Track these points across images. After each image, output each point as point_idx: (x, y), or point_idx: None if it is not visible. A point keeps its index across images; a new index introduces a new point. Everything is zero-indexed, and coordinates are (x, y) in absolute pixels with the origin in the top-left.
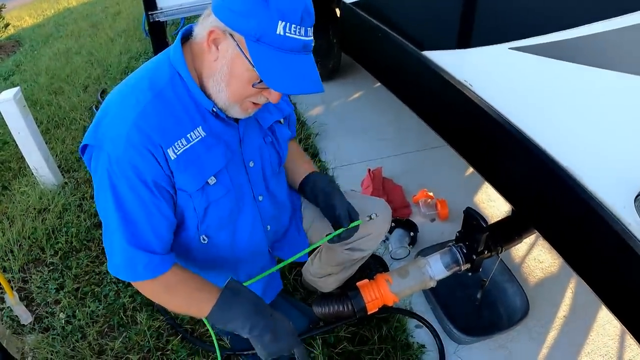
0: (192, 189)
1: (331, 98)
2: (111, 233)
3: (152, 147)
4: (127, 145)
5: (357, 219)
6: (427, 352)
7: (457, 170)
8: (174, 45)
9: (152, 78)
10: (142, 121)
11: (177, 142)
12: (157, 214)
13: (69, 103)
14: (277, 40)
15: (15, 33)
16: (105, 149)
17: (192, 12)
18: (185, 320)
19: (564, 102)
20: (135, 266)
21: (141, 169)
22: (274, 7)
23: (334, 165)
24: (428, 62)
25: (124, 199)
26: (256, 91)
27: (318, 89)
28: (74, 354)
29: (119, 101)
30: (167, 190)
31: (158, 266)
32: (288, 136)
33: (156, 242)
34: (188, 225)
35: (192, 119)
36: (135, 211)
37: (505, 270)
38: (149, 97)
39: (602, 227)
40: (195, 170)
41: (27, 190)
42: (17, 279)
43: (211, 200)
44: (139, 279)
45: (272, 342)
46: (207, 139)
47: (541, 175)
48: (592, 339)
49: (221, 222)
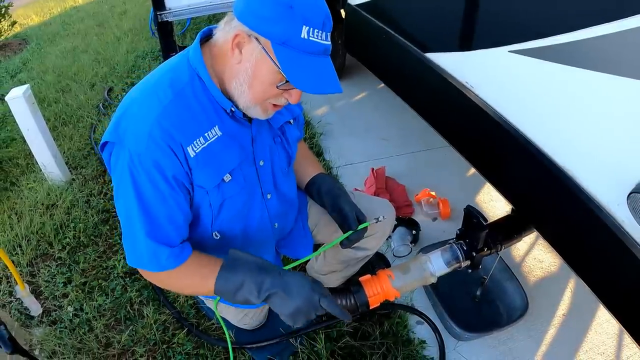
0: (210, 186)
1: (336, 98)
2: (132, 227)
3: (173, 144)
4: (150, 142)
5: (365, 220)
6: (428, 347)
7: (458, 170)
8: (193, 47)
9: (172, 78)
10: (164, 119)
11: (196, 140)
12: (176, 208)
13: (76, 101)
14: (302, 43)
15: (22, 31)
16: (127, 145)
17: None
18: (191, 314)
19: (561, 104)
20: (160, 258)
21: (162, 164)
22: (298, 13)
23: (338, 164)
24: (431, 63)
25: (145, 193)
26: (278, 92)
27: (338, 90)
28: (81, 346)
29: (140, 99)
30: (185, 186)
31: (179, 256)
32: (297, 136)
33: (175, 235)
34: (203, 221)
35: (210, 119)
36: (156, 206)
37: (505, 268)
38: (170, 96)
39: (597, 225)
40: (212, 168)
41: (35, 186)
42: (26, 273)
43: (226, 196)
44: (163, 269)
45: (288, 300)
46: (223, 137)
47: (538, 174)
48: (591, 337)
49: (232, 218)
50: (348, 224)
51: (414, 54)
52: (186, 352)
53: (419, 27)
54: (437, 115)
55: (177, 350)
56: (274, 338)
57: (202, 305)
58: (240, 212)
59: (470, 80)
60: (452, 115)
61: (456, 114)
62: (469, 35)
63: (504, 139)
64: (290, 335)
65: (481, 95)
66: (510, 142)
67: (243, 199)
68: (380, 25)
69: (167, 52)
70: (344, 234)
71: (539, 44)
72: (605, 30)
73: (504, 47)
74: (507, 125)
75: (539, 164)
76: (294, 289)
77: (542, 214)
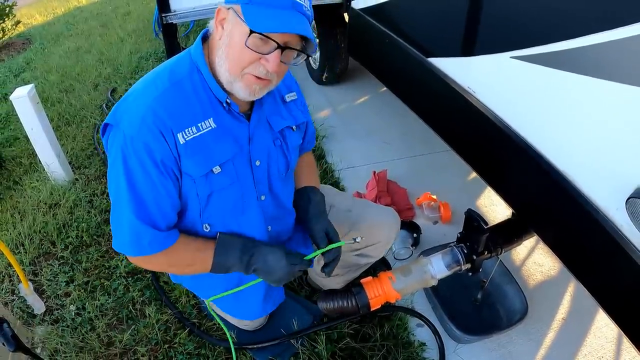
0: (196, 175)
1: (338, 101)
2: (120, 208)
3: (163, 129)
4: (142, 125)
5: (337, 240)
6: (428, 350)
7: (460, 174)
8: (195, 43)
9: (172, 70)
10: (158, 105)
11: (187, 128)
12: (164, 193)
13: (79, 101)
14: None
15: (25, 30)
16: (122, 128)
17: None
18: (193, 314)
19: (561, 110)
20: (141, 241)
21: (152, 147)
22: None
23: (339, 167)
24: (433, 68)
25: (135, 175)
26: (252, 57)
27: (301, 31)
28: (83, 345)
29: (140, 88)
30: (173, 171)
31: (162, 242)
32: (299, 143)
33: (161, 219)
34: (191, 210)
35: (205, 111)
36: (144, 188)
37: (505, 272)
38: (167, 85)
39: (596, 230)
40: (201, 158)
41: (38, 185)
42: (28, 271)
43: (214, 189)
44: (143, 253)
45: (270, 272)
46: (216, 130)
47: (539, 179)
48: (590, 341)
49: (224, 214)
50: (316, 242)
51: (417, 59)
52: (188, 352)
53: (422, 32)
54: (438, 119)
55: (178, 350)
56: (275, 339)
57: (204, 305)
58: (233, 210)
59: (472, 85)
60: (454, 119)
61: (458, 118)
62: (471, 41)
63: (505, 144)
64: (291, 336)
65: (482, 100)
66: (511, 146)
67: (234, 195)
68: (384, 30)
69: (171, 53)
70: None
71: (539, 51)
72: (606, 37)
73: (505, 53)
74: (508, 130)
75: (539, 169)
76: (273, 263)
77: (542, 218)
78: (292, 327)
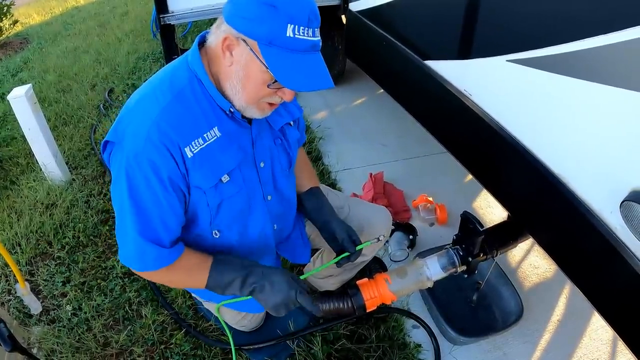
0: (206, 186)
1: (335, 103)
2: (124, 225)
3: (170, 145)
4: (147, 142)
5: (358, 241)
6: (423, 351)
7: (456, 177)
8: (192, 50)
9: (172, 80)
10: (162, 120)
11: (194, 141)
12: (169, 210)
13: (76, 101)
14: (288, 42)
15: (23, 30)
16: (125, 145)
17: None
18: (189, 315)
19: (557, 113)
20: (146, 258)
21: (158, 165)
22: (282, 12)
23: (336, 169)
24: (430, 71)
25: (139, 193)
26: (271, 92)
27: (329, 85)
28: (80, 345)
29: (140, 101)
30: (180, 188)
31: (166, 258)
32: (297, 137)
33: (166, 236)
34: (201, 219)
35: (209, 120)
36: (149, 206)
37: (501, 274)
38: (169, 98)
39: (591, 232)
40: (209, 168)
41: (35, 185)
42: (25, 271)
43: (224, 197)
44: (149, 269)
45: (269, 295)
46: (222, 139)
47: (534, 181)
48: (585, 343)
49: (233, 219)
50: (344, 247)
51: (414, 61)
52: (184, 352)
53: (419, 35)
54: (435, 122)
55: (174, 351)
56: (271, 340)
57: (200, 307)
58: (241, 213)
59: (468, 88)
60: (450, 122)
61: (454, 121)
62: (467, 44)
63: (501, 146)
64: (287, 337)
65: (479, 102)
66: (506, 149)
67: (243, 200)
68: (381, 32)
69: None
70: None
71: (535, 54)
72: (601, 41)
73: (501, 57)
74: (503, 133)
75: (535, 171)
76: (274, 286)
77: (538, 221)
78: (288, 328)
